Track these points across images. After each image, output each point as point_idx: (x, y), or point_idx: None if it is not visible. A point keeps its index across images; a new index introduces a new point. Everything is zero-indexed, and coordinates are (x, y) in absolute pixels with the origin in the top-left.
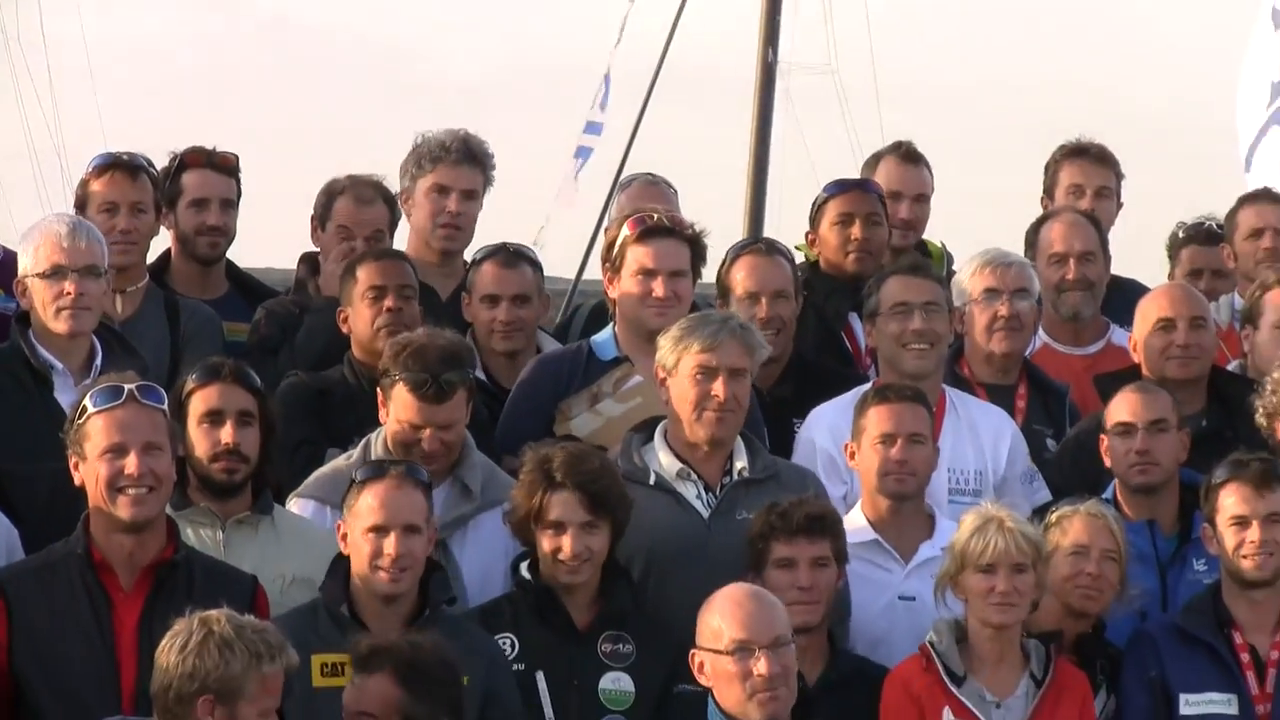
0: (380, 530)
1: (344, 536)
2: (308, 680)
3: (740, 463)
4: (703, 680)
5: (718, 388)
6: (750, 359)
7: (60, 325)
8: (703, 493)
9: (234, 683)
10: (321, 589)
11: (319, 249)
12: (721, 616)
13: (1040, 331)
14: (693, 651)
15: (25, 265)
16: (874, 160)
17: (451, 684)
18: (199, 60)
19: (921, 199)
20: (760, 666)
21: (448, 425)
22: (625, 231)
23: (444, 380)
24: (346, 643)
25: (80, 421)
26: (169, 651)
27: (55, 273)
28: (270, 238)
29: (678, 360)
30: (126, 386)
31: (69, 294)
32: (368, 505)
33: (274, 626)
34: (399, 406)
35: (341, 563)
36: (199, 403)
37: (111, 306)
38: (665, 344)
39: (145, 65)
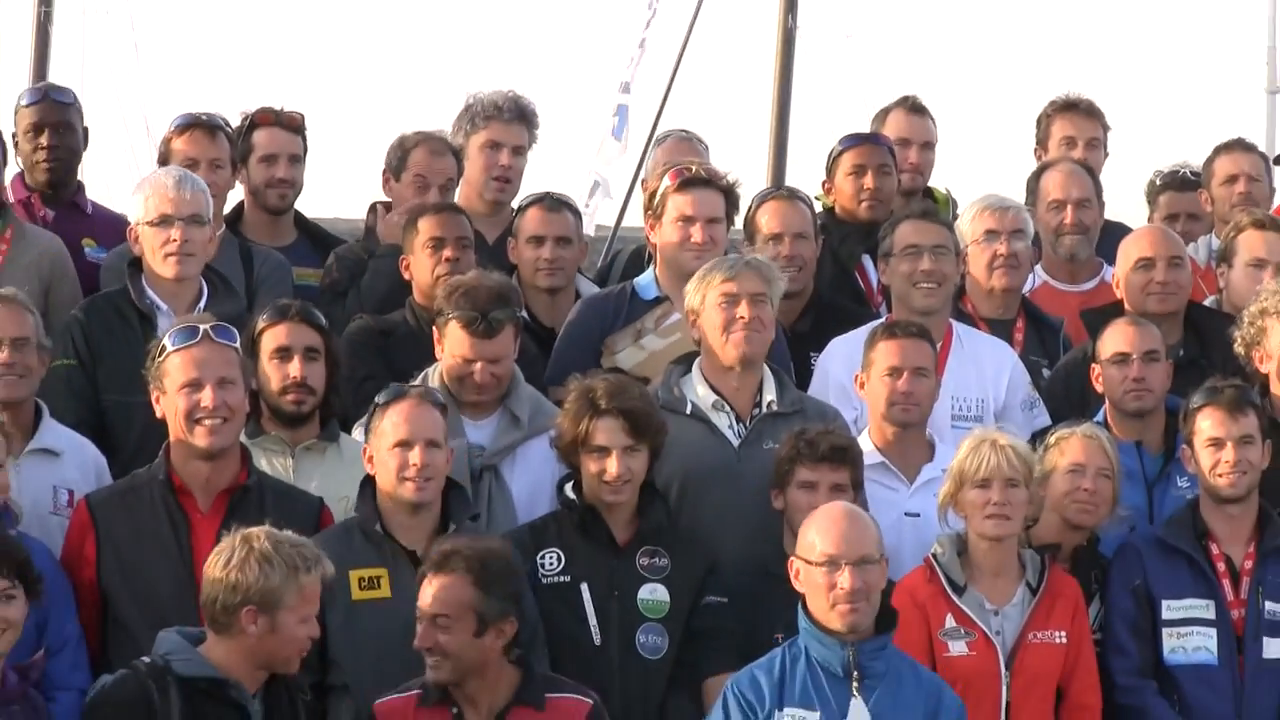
0: (405, 445)
1: (370, 459)
2: (348, 594)
3: (769, 396)
4: (798, 586)
5: (742, 310)
6: (769, 287)
7: (167, 270)
8: (734, 423)
9: (274, 594)
10: (356, 510)
11: (391, 199)
12: (817, 531)
13: (1040, 270)
14: (790, 558)
15: (136, 215)
16: (883, 113)
17: (517, 580)
18: (269, 25)
19: (927, 146)
20: (844, 580)
21: (497, 358)
22: (666, 182)
23: (492, 317)
24: (381, 558)
25: (160, 359)
26: (215, 567)
27: (163, 221)
28: (334, 190)
29: (703, 296)
30: (202, 326)
31: (174, 240)
32: (392, 423)
33: (310, 541)
34: (453, 342)
35: (369, 484)
36: (270, 340)
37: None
38: (690, 287)
39: (217, 30)
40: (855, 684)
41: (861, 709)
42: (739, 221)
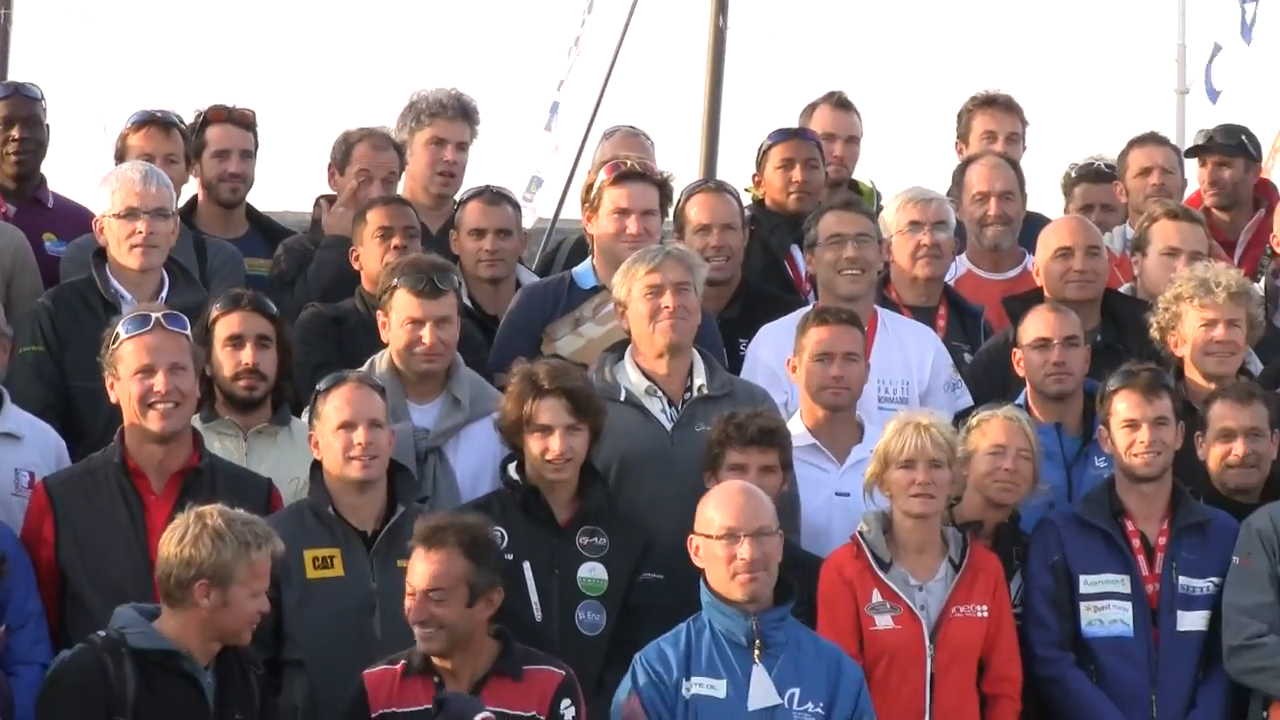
0: (349, 426)
1: (316, 444)
2: (302, 573)
3: (700, 380)
4: (698, 562)
5: (666, 299)
6: (692, 275)
7: (132, 261)
8: (666, 407)
9: (226, 568)
10: (309, 493)
11: (336, 192)
12: (715, 507)
13: (964, 259)
14: (690, 535)
15: (102, 207)
16: (810, 108)
17: (499, 553)
18: (221, 27)
19: (852, 140)
20: (743, 551)
21: (443, 319)
22: (602, 176)
23: (437, 279)
24: (333, 538)
25: (114, 346)
26: (169, 543)
27: (129, 214)
28: (283, 183)
29: (629, 288)
30: (154, 315)
31: (140, 233)
32: (334, 407)
33: (261, 519)
34: (400, 308)
35: (319, 468)
36: (223, 328)
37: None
38: (617, 280)
39: (170, 31)
40: (757, 653)
41: (764, 676)
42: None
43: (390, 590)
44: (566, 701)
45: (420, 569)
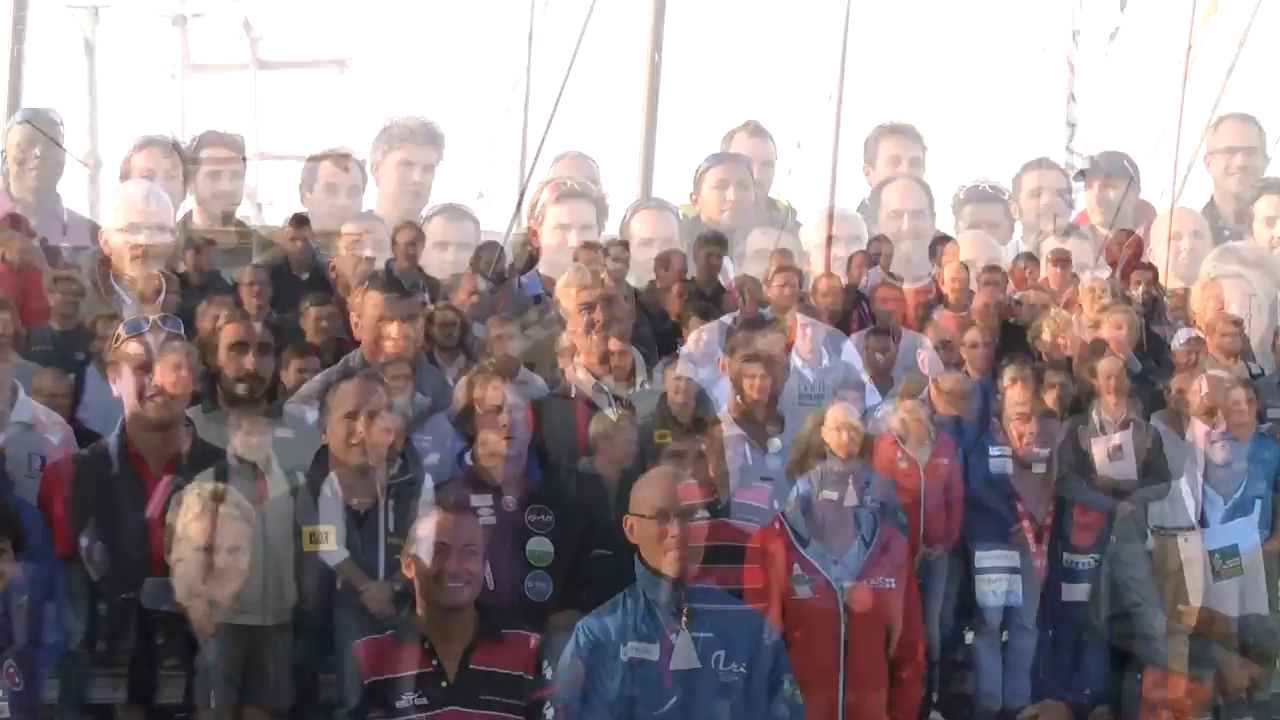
0: (352, 415)
1: (324, 430)
2: (299, 547)
3: (640, 375)
4: (632, 539)
5: (597, 314)
6: (618, 288)
7: (134, 269)
8: (612, 401)
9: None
10: (308, 475)
11: (306, 209)
12: (648, 490)
13: (879, 270)
14: (626, 516)
15: (108, 221)
16: (730, 135)
17: None
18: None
19: (767, 164)
20: (673, 529)
21: (409, 318)
22: (545, 195)
23: (403, 280)
24: (328, 516)
25: (116, 345)
26: None
27: (131, 228)
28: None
29: (565, 305)
30: (151, 317)
31: (140, 245)
32: (341, 398)
33: (232, 489)
34: (370, 308)
35: (323, 453)
36: (227, 336)
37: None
38: (556, 295)
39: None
40: (685, 620)
41: (687, 641)
42: (609, 228)
43: (374, 562)
44: (546, 662)
45: (454, 528)
